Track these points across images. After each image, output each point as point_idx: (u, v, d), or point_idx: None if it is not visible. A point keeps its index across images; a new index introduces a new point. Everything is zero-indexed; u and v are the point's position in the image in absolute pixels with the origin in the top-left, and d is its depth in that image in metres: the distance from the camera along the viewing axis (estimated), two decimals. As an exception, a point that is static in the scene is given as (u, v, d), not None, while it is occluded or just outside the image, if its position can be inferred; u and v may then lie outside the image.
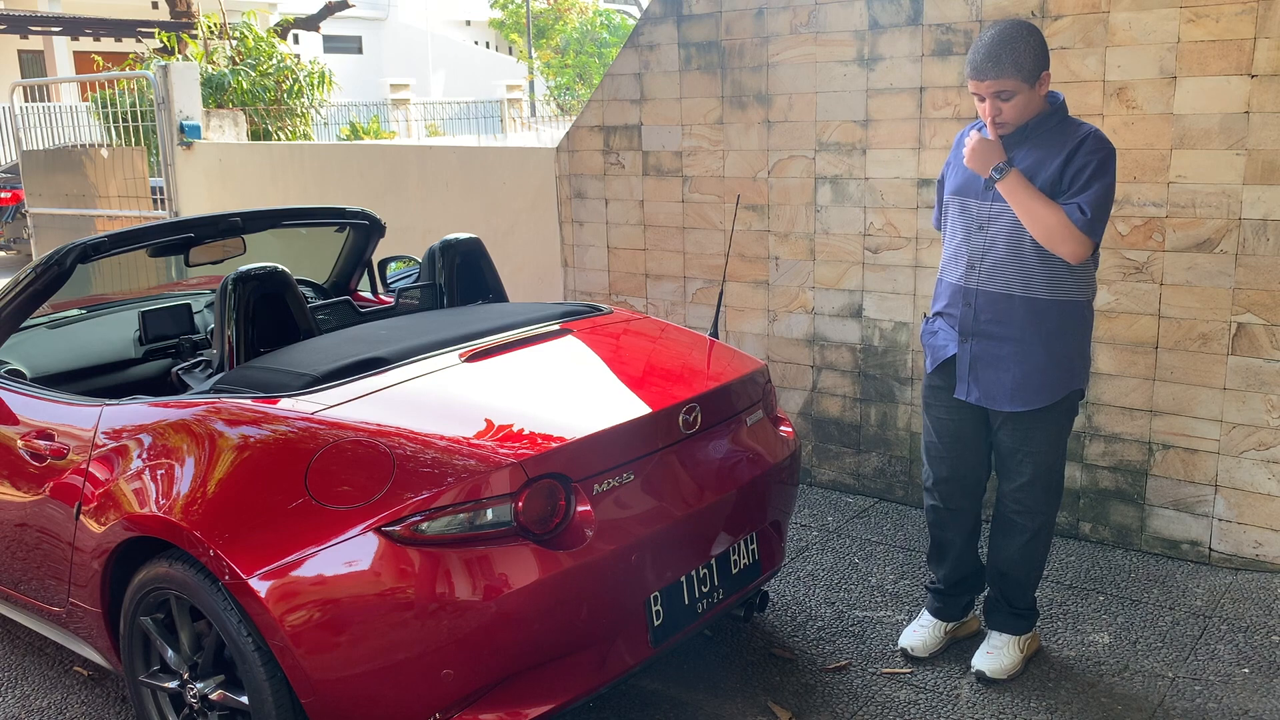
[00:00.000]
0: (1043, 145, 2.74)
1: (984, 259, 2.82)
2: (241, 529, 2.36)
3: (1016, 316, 2.79)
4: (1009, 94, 2.68)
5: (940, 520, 3.10)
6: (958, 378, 2.92)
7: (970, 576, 3.16)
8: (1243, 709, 2.84)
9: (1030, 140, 2.76)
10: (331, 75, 10.72)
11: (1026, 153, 2.76)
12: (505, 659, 2.30)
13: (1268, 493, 3.52)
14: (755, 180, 4.47)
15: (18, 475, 2.96)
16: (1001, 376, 2.84)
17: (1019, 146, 2.77)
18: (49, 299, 3.23)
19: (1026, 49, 2.65)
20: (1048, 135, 2.74)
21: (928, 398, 3.06)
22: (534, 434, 2.46)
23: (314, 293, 4.16)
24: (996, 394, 2.86)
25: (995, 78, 2.66)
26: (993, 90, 2.68)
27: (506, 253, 5.29)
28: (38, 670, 3.29)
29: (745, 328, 4.65)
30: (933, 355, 2.99)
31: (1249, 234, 3.40)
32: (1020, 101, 2.69)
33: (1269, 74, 3.29)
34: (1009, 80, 2.66)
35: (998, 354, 2.83)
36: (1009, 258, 2.78)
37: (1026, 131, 2.76)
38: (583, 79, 22.59)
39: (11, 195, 12.11)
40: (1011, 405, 2.84)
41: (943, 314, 2.95)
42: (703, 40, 4.53)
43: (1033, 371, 2.80)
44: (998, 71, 2.65)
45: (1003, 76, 2.65)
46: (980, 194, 2.82)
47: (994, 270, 2.80)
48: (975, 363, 2.87)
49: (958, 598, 3.16)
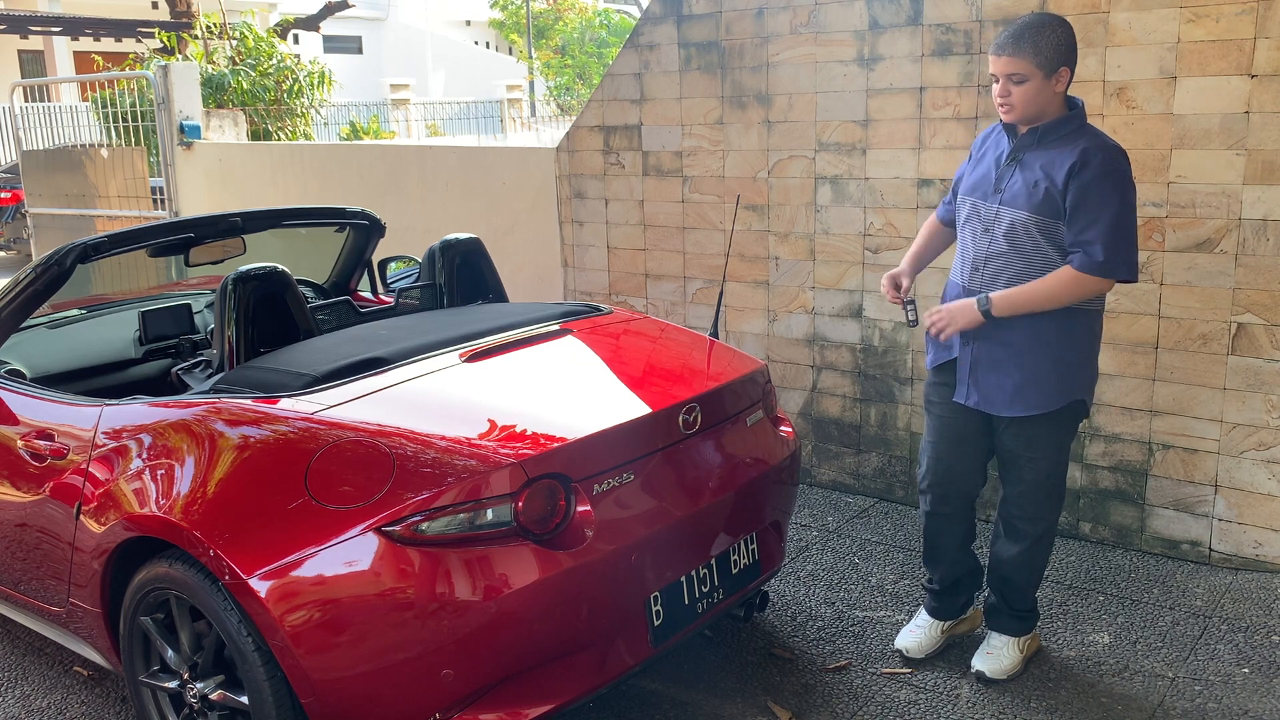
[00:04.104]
0: (1054, 148, 2.69)
1: (988, 261, 2.80)
2: (241, 529, 2.36)
3: (1018, 320, 2.75)
4: (1021, 78, 2.63)
5: (934, 524, 3.07)
6: (958, 380, 2.90)
7: (966, 576, 3.14)
8: (1243, 709, 2.84)
9: (1043, 143, 2.72)
10: (331, 75, 10.72)
11: (1037, 155, 2.72)
12: (505, 659, 2.30)
13: (1268, 493, 3.52)
14: (755, 180, 4.47)
15: (18, 475, 2.96)
16: (1002, 381, 2.81)
17: (1031, 149, 2.73)
18: (49, 299, 3.23)
19: (1051, 38, 2.61)
20: (1061, 141, 2.69)
21: (930, 395, 3.02)
22: (534, 434, 2.46)
23: (314, 293, 4.16)
24: (996, 399, 2.83)
25: (1011, 55, 2.62)
26: (1006, 71, 2.64)
27: (506, 253, 5.29)
28: (38, 670, 3.29)
29: (745, 328, 4.65)
30: (935, 354, 2.97)
31: (1249, 234, 3.40)
32: (1031, 89, 2.64)
33: (1269, 74, 3.29)
34: (1024, 62, 2.61)
35: (998, 357, 2.81)
36: (1012, 260, 2.75)
37: (1039, 135, 2.72)
38: (583, 79, 22.59)
39: (11, 195, 12.11)
40: (1010, 410, 2.82)
41: None
42: (703, 40, 4.53)
43: (1032, 377, 2.77)
44: (1015, 49, 2.61)
45: (1019, 56, 2.61)
46: (989, 195, 2.80)
47: (997, 272, 2.78)
48: (976, 366, 2.85)
49: (954, 596, 3.14)
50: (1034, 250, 2.72)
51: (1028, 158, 2.73)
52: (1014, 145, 2.77)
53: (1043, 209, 2.68)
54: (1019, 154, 2.75)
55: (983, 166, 2.86)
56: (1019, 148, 2.75)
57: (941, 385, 2.97)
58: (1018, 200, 2.72)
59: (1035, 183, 2.69)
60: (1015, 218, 2.72)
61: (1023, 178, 2.72)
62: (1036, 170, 2.70)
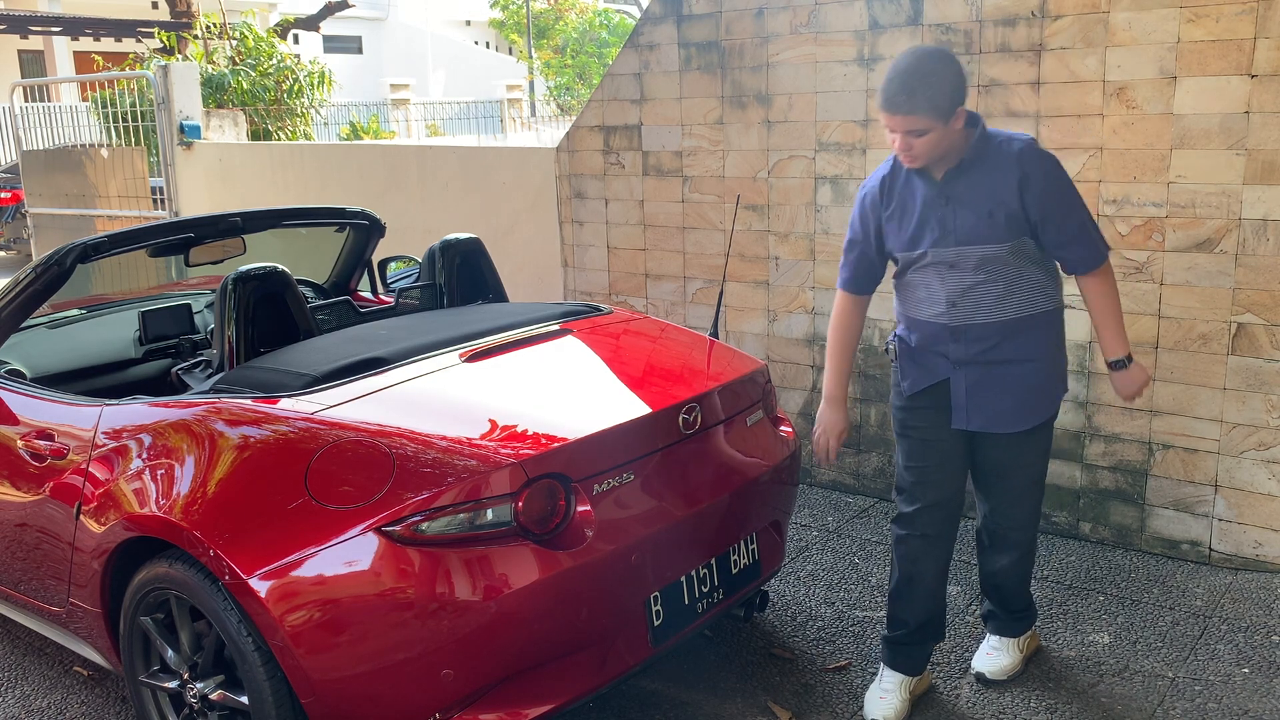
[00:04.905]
0: (985, 170, 2.58)
1: (965, 295, 2.65)
2: (241, 529, 2.36)
3: (1013, 339, 2.67)
4: (921, 131, 2.49)
5: (915, 552, 2.84)
6: (954, 407, 2.74)
7: (937, 618, 2.92)
8: (1243, 709, 2.84)
9: (970, 171, 2.59)
10: (331, 75, 10.73)
11: (971, 183, 2.59)
12: (505, 659, 2.30)
13: (1268, 493, 3.52)
14: (755, 180, 4.47)
15: (18, 475, 2.96)
16: (1002, 399, 2.71)
17: (959, 179, 2.60)
18: (49, 299, 3.24)
19: (942, 86, 2.46)
20: (986, 163, 2.58)
21: (909, 420, 2.81)
22: (534, 434, 2.46)
23: (314, 293, 4.16)
24: (999, 418, 2.72)
25: (908, 113, 2.47)
26: (904, 128, 2.50)
27: (506, 253, 5.29)
28: (38, 670, 3.29)
29: (745, 328, 4.65)
30: (918, 377, 2.78)
31: (1249, 234, 3.40)
32: (933, 139, 2.51)
33: (1269, 74, 3.29)
34: (921, 118, 2.47)
35: (998, 377, 2.70)
36: (990, 286, 2.63)
37: (962, 169, 2.59)
38: (583, 79, 22.58)
39: (11, 195, 12.11)
40: (1016, 426, 2.72)
41: (926, 348, 2.76)
42: (703, 40, 4.53)
43: (1032, 390, 2.71)
44: (910, 107, 2.46)
45: (914, 113, 2.46)
46: (939, 241, 2.63)
47: (977, 305, 2.65)
48: (974, 389, 2.71)
49: (922, 645, 2.90)
50: (1011, 272, 2.63)
51: (959, 193, 2.60)
52: (938, 189, 2.63)
53: (1010, 233, 2.58)
54: (947, 193, 2.61)
55: (909, 217, 2.68)
56: (944, 189, 2.62)
57: (924, 409, 2.79)
58: (978, 235, 2.59)
59: (989, 212, 2.58)
60: (986, 252, 2.60)
61: (969, 212, 2.59)
62: (981, 199, 2.58)
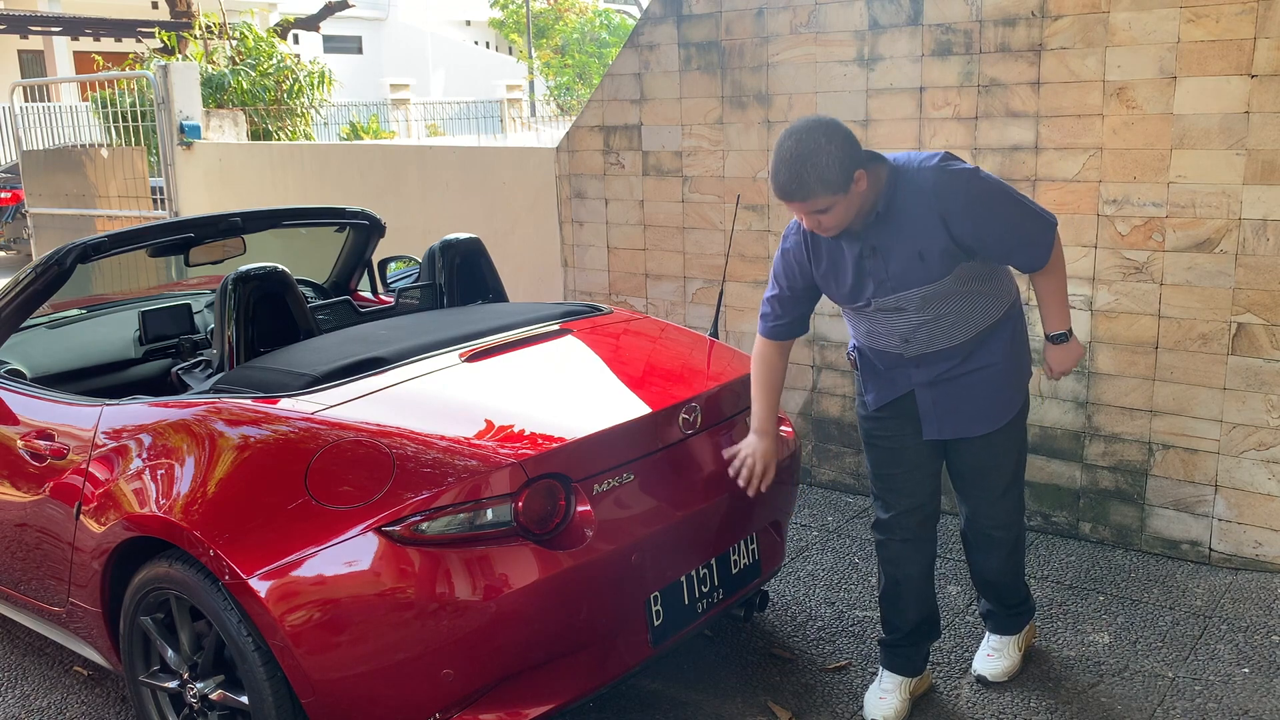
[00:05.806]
0: (904, 214, 2.50)
1: (917, 330, 2.61)
2: (241, 529, 2.36)
3: (975, 352, 2.65)
4: (825, 208, 2.43)
5: (897, 556, 2.83)
6: (923, 418, 2.72)
7: (930, 618, 2.91)
8: (1243, 709, 2.84)
9: (888, 220, 2.51)
10: (331, 75, 10.73)
11: (893, 230, 2.51)
12: (505, 659, 2.31)
13: (1268, 493, 3.52)
14: (755, 180, 4.47)
15: (18, 475, 2.96)
16: (972, 406, 2.70)
17: (880, 229, 2.52)
18: (49, 299, 3.24)
19: (830, 161, 2.37)
20: (902, 203, 2.50)
21: (875, 431, 2.79)
22: (534, 434, 2.46)
23: (314, 293, 4.16)
24: (968, 423, 2.72)
25: (803, 200, 2.42)
26: (805, 212, 2.46)
27: (506, 253, 5.29)
28: (38, 670, 3.29)
29: (745, 328, 4.65)
30: (881, 392, 2.75)
31: (1249, 234, 3.40)
32: (840, 210, 2.44)
33: (1269, 74, 3.29)
34: (819, 200, 2.41)
35: (964, 387, 2.69)
36: (944, 313, 2.59)
37: (881, 217, 2.51)
38: (583, 79, 22.59)
39: (11, 195, 12.11)
40: (983, 429, 2.72)
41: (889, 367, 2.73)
42: (703, 40, 4.53)
43: (997, 391, 2.70)
44: (805, 194, 2.40)
45: (811, 198, 2.41)
46: (878, 291, 2.57)
47: (931, 336, 2.62)
48: (940, 400, 2.70)
49: (918, 646, 2.89)
50: (958, 300, 2.59)
51: (884, 243, 2.53)
52: (861, 242, 2.56)
53: (945, 267, 2.52)
54: (872, 244, 2.55)
55: (843, 274, 2.62)
56: (867, 241, 2.55)
57: (889, 420, 2.76)
58: (913, 279, 2.54)
59: (919, 254, 2.51)
60: (926, 291, 2.54)
61: (897, 259, 2.53)
62: (905, 244, 2.51)
